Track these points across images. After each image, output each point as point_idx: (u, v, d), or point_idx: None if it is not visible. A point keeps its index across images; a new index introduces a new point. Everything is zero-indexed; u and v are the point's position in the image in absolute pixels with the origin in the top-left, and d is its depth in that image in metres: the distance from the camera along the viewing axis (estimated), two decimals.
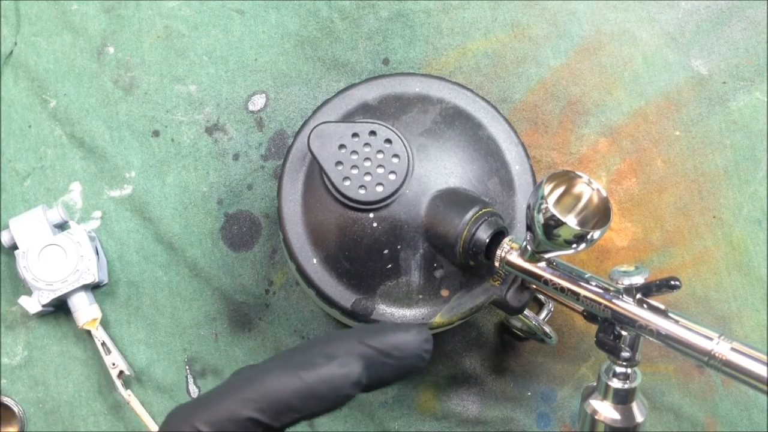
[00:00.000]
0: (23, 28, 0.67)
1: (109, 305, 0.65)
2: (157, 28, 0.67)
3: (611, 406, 0.49)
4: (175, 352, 0.65)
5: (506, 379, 0.65)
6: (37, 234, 0.62)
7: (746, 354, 0.42)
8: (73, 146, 0.66)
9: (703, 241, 0.65)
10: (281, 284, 0.66)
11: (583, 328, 0.65)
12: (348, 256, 0.54)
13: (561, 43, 0.67)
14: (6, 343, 0.65)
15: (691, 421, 0.64)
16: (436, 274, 0.54)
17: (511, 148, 0.57)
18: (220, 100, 0.67)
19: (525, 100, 0.67)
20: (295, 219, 0.55)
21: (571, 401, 0.65)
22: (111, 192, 0.66)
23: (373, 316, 0.54)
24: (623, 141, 0.66)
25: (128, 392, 0.63)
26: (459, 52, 0.67)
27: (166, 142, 0.66)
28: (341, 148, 0.53)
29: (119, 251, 0.66)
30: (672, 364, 0.65)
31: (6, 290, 0.65)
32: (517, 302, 0.54)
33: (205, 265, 0.65)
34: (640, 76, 0.67)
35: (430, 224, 0.53)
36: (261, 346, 0.65)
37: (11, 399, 0.64)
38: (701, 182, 0.66)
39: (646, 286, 0.46)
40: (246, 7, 0.67)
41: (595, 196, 0.45)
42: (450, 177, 0.54)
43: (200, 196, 0.66)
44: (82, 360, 0.65)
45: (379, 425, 0.65)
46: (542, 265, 0.50)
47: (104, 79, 0.67)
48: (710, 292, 0.65)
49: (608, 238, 0.66)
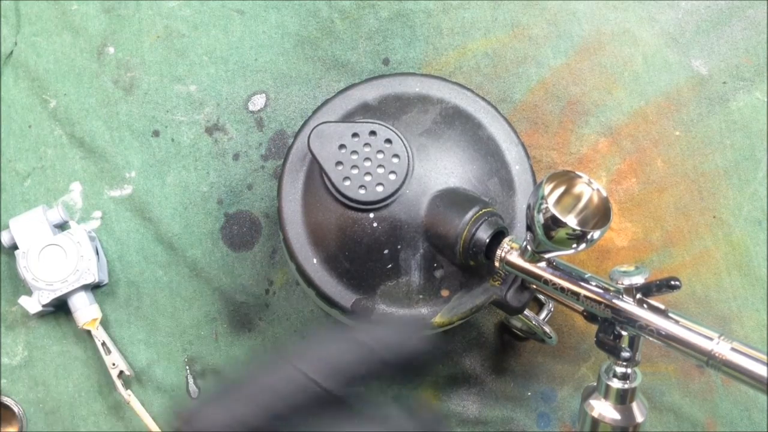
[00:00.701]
0: (23, 28, 0.67)
1: (109, 305, 0.65)
2: (157, 28, 0.67)
3: (611, 406, 0.49)
4: (175, 352, 0.65)
5: (506, 379, 0.65)
6: (37, 234, 0.62)
7: (746, 354, 0.42)
8: (73, 146, 0.66)
9: (703, 241, 0.65)
10: (281, 284, 0.66)
11: (583, 328, 0.65)
12: (348, 256, 0.54)
13: (561, 43, 0.67)
14: (6, 343, 0.65)
15: (691, 421, 0.64)
16: (436, 274, 0.54)
17: (511, 148, 0.57)
18: (220, 100, 0.67)
19: (525, 100, 0.67)
20: (295, 219, 0.55)
21: (571, 401, 0.65)
22: (111, 192, 0.66)
23: (373, 316, 0.54)
24: (623, 141, 0.66)
25: (128, 392, 0.63)
26: (459, 52, 0.67)
27: (166, 142, 0.66)
28: (341, 148, 0.53)
29: (119, 251, 0.66)
30: (672, 364, 0.65)
31: (6, 290, 0.65)
32: (517, 302, 0.54)
33: (205, 265, 0.65)
34: (640, 76, 0.67)
35: (430, 224, 0.53)
36: (261, 346, 0.65)
37: (11, 399, 0.64)
38: (701, 182, 0.66)
39: (646, 286, 0.46)
40: (246, 7, 0.67)
41: (595, 196, 0.45)
42: (450, 177, 0.54)
43: (200, 196, 0.66)
44: (82, 360, 0.65)
45: None
46: (542, 265, 0.50)
47: (104, 79, 0.67)
48: (710, 292, 0.65)
49: (608, 238, 0.66)
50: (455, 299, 0.55)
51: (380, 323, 0.39)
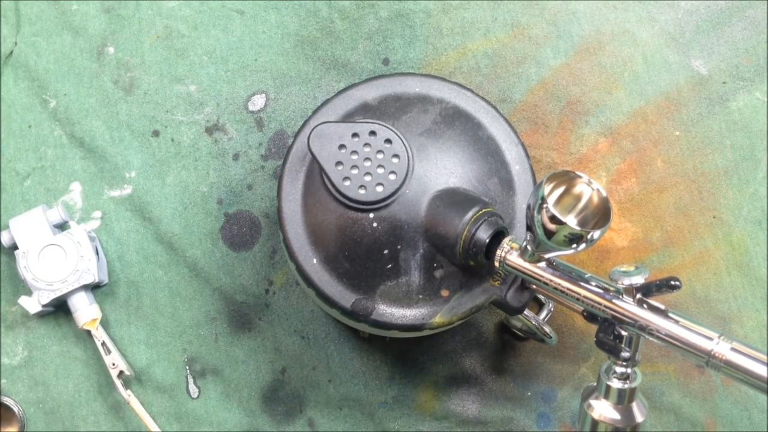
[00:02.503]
0: (23, 28, 0.67)
1: (109, 305, 0.65)
2: (157, 28, 0.67)
3: (611, 406, 0.49)
4: (175, 352, 0.65)
5: (506, 379, 0.65)
6: (37, 234, 0.62)
7: (746, 354, 0.42)
8: (73, 146, 0.66)
9: (703, 241, 0.65)
10: (281, 284, 0.66)
11: (583, 328, 0.65)
12: (348, 256, 0.54)
13: (561, 43, 0.67)
14: (6, 343, 0.65)
15: (691, 421, 0.64)
16: (436, 274, 0.54)
17: (511, 148, 0.57)
18: (220, 100, 0.67)
19: (525, 100, 0.67)
20: (295, 219, 0.55)
21: (571, 401, 0.65)
22: (111, 192, 0.66)
23: (373, 316, 0.54)
24: (623, 141, 0.66)
25: (128, 392, 0.63)
26: (459, 52, 0.67)
27: (166, 142, 0.66)
28: (341, 148, 0.53)
29: (119, 251, 0.66)
30: (672, 364, 0.65)
31: (6, 290, 0.65)
32: (517, 302, 0.54)
33: (205, 265, 0.66)
34: (640, 76, 0.67)
35: (430, 224, 0.53)
36: (261, 346, 0.65)
37: (11, 399, 0.64)
38: (701, 182, 0.66)
39: (646, 286, 0.46)
40: (246, 7, 0.67)
41: (595, 196, 0.45)
42: (450, 177, 0.54)
43: (200, 196, 0.66)
44: (82, 360, 0.65)
45: (379, 425, 0.65)
46: (542, 265, 0.50)
47: (104, 79, 0.67)
48: (710, 292, 0.65)
49: (608, 238, 0.66)
50: (455, 299, 0.55)
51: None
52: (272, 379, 0.65)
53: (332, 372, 0.65)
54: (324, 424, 0.65)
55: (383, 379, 0.65)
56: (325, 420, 0.65)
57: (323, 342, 0.65)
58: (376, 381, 0.65)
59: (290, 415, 0.65)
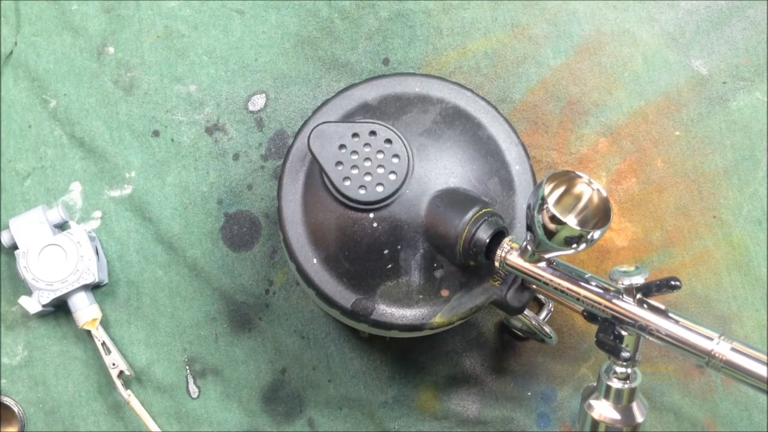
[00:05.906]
0: (23, 28, 0.67)
1: (109, 305, 0.65)
2: (157, 28, 0.67)
3: (611, 406, 0.49)
4: (175, 352, 0.65)
5: (506, 379, 0.65)
6: (37, 234, 0.62)
7: (746, 354, 0.42)
8: (73, 146, 0.66)
9: (703, 241, 0.65)
10: (281, 284, 0.66)
11: (583, 328, 0.65)
12: (348, 256, 0.54)
13: (561, 43, 0.67)
14: (6, 343, 0.65)
15: (691, 421, 0.64)
16: (436, 274, 0.54)
17: (511, 148, 0.57)
18: (220, 100, 0.67)
19: (525, 100, 0.67)
20: (295, 219, 0.55)
21: (571, 401, 0.65)
22: (111, 192, 0.66)
23: (373, 316, 0.54)
24: (623, 141, 0.66)
25: (128, 392, 0.63)
26: (459, 52, 0.67)
27: (166, 142, 0.66)
28: (341, 148, 0.53)
29: (119, 251, 0.66)
30: (672, 364, 0.65)
31: (6, 290, 0.65)
32: (517, 302, 0.54)
33: (205, 265, 0.66)
34: (640, 76, 0.67)
35: (430, 224, 0.53)
36: (261, 346, 0.65)
37: (11, 399, 0.64)
38: (701, 182, 0.66)
39: (646, 286, 0.46)
40: (246, 7, 0.67)
41: (595, 196, 0.45)
42: (450, 177, 0.54)
43: (200, 196, 0.66)
44: (82, 360, 0.65)
45: (379, 425, 0.65)
46: (542, 265, 0.50)
47: (104, 79, 0.67)
48: (710, 292, 0.65)
49: (608, 238, 0.66)
50: (455, 299, 0.55)
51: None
52: (272, 379, 0.65)
53: (332, 372, 0.65)
54: (324, 424, 0.65)
55: (383, 379, 0.65)
56: (325, 420, 0.65)
57: (323, 342, 0.65)
58: (376, 381, 0.65)
59: (290, 415, 0.65)
